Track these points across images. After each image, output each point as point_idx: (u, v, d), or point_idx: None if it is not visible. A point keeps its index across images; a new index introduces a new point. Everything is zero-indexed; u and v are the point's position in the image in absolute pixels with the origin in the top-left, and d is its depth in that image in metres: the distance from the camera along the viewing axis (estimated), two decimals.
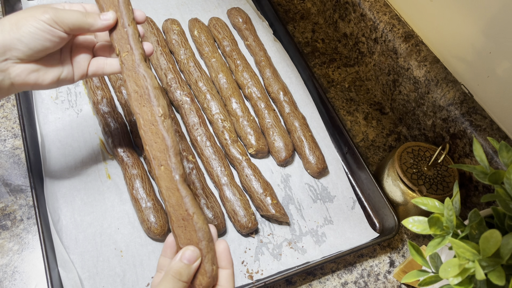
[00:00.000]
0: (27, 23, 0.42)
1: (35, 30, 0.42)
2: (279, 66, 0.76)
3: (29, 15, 0.43)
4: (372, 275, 0.60)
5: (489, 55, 0.56)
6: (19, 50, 0.43)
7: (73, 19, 0.44)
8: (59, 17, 0.43)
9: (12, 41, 0.42)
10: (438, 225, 0.40)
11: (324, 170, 0.65)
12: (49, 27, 0.43)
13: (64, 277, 0.52)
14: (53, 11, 0.43)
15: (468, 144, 0.60)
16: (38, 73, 0.45)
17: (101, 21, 0.45)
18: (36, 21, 0.42)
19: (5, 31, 0.42)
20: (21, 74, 0.44)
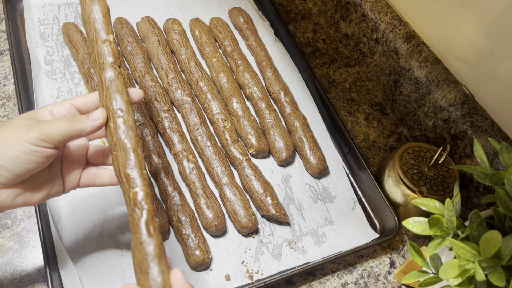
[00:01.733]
0: (9, 147, 0.38)
1: (19, 154, 0.38)
2: (280, 66, 0.76)
3: (11, 136, 0.38)
4: (372, 276, 0.60)
5: (490, 56, 0.56)
6: (2, 176, 0.38)
7: (61, 130, 0.39)
8: (45, 133, 0.38)
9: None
10: (439, 226, 0.39)
11: (324, 171, 0.65)
12: (35, 148, 0.38)
13: (64, 276, 0.52)
14: (37, 128, 0.38)
15: (469, 145, 0.60)
16: (25, 195, 0.41)
17: (90, 122, 0.40)
18: (20, 144, 0.38)
19: None
20: (6, 200, 0.40)
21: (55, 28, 0.75)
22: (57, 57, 0.72)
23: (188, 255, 0.55)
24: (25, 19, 0.75)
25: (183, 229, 0.56)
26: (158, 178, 0.60)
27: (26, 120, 0.40)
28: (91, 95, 0.43)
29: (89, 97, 0.43)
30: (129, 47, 0.71)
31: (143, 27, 0.74)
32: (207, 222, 0.57)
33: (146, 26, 0.74)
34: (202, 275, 0.56)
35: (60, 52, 0.72)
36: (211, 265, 0.56)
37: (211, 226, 0.57)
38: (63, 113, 0.42)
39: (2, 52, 0.73)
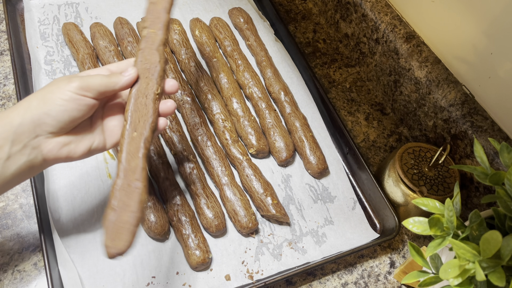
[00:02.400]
0: (54, 96, 0.42)
1: (62, 102, 0.42)
2: (280, 66, 0.76)
3: (55, 87, 0.42)
4: (372, 276, 0.60)
5: (490, 56, 0.56)
6: (48, 124, 0.42)
7: (98, 81, 0.44)
8: (85, 83, 0.43)
9: (40, 117, 0.42)
10: (439, 226, 0.39)
11: (324, 171, 0.65)
12: (76, 96, 0.42)
13: (65, 276, 0.52)
14: (78, 79, 0.43)
15: (469, 145, 0.60)
16: (70, 146, 0.44)
17: (123, 77, 0.45)
18: (62, 93, 0.42)
19: (33, 107, 0.42)
20: (53, 150, 0.43)
21: (55, 28, 0.75)
22: (57, 57, 0.72)
23: (188, 255, 0.55)
24: (25, 19, 0.75)
25: (183, 229, 0.56)
26: (158, 178, 0.60)
27: (68, 76, 0.44)
28: (125, 61, 0.48)
29: (123, 63, 0.48)
30: (129, 47, 0.71)
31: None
32: (207, 222, 0.57)
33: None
34: (202, 275, 0.56)
35: (60, 52, 0.72)
36: (211, 265, 0.56)
37: (211, 226, 0.57)
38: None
39: (2, 52, 0.73)
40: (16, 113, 0.41)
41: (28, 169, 0.43)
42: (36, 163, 0.43)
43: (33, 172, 0.44)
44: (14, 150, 0.41)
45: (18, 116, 0.41)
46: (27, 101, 0.42)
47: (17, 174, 0.42)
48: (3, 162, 0.41)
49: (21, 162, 0.42)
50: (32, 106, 0.42)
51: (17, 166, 0.42)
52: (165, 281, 0.54)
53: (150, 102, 0.45)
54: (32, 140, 0.42)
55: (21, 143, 0.42)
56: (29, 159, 0.42)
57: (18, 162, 0.42)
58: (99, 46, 0.71)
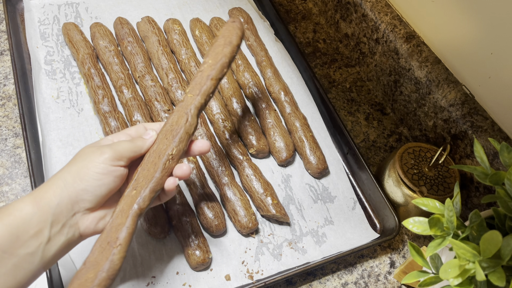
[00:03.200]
0: (89, 172, 0.42)
1: (99, 176, 0.42)
2: (280, 66, 0.76)
3: (88, 161, 0.42)
4: (372, 276, 0.60)
5: (490, 56, 0.56)
6: (86, 201, 0.42)
7: (127, 148, 0.44)
8: (117, 153, 0.43)
9: (78, 194, 0.41)
10: (439, 226, 0.39)
11: (325, 171, 0.65)
12: (111, 168, 0.42)
13: (65, 275, 0.52)
14: (109, 149, 0.43)
15: (469, 145, 0.60)
16: (105, 219, 0.44)
17: (146, 140, 0.46)
18: (97, 166, 0.42)
19: (69, 185, 0.41)
20: (90, 226, 0.43)
21: (55, 28, 0.75)
22: (57, 57, 0.72)
23: (188, 255, 0.55)
24: (25, 19, 0.75)
25: (183, 229, 0.56)
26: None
27: (94, 147, 0.44)
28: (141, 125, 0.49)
29: (140, 127, 0.49)
30: (129, 47, 0.71)
31: (144, 27, 0.74)
32: (207, 222, 0.57)
33: (146, 26, 0.74)
34: (202, 275, 0.56)
35: (60, 52, 0.72)
36: (211, 265, 0.56)
37: (211, 226, 0.57)
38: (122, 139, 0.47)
39: (2, 52, 0.73)
40: (52, 193, 0.41)
41: (66, 247, 0.42)
42: (74, 240, 0.43)
43: (69, 249, 0.43)
44: (54, 231, 0.40)
45: (55, 197, 0.41)
46: (61, 179, 0.42)
47: (57, 254, 0.41)
48: (44, 246, 0.40)
49: (61, 243, 0.41)
50: (68, 184, 0.41)
51: (57, 247, 0.41)
52: (165, 281, 0.54)
53: (160, 162, 0.45)
54: (70, 219, 0.41)
55: (60, 223, 0.41)
56: (68, 238, 0.42)
57: (58, 243, 0.41)
58: (99, 46, 0.71)
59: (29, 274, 0.39)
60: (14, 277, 0.38)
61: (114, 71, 0.68)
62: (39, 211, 0.40)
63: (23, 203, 0.40)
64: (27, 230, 0.39)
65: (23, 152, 0.63)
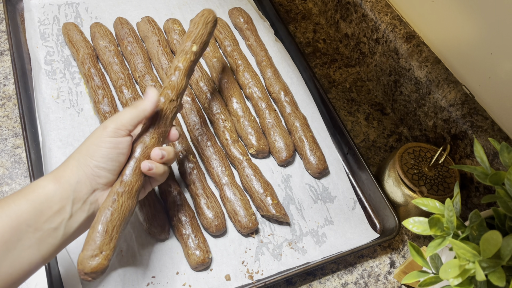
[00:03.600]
0: (98, 148, 0.43)
1: (107, 151, 0.43)
2: (280, 66, 0.76)
3: (94, 138, 0.44)
4: (372, 276, 0.60)
5: (490, 56, 0.56)
6: (102, 176, 0.44)
7: (129, 115, 0.45)
8: (118, 122, 0.44)
9: (93, 171, 0.43)
10: (439, 226, 0.39)
11: (324, 171, 0.65)
12: (116, 140, 0.44)
13: (65, 276, 0.52)
14: (111, 122, 0.44)
15: (469, 145, 0.60)
16: None
17: (148, 102, 0.46)
18: (104, 142, 0.43)
19: (82, 164, 0.43)
20: None
21: (55, 28, 0.75)
22: (57, 57, 0.72)
23: (188, 255, 0.55)
24: (25, 19, 0.75)
25: (183, 229, 0.56)
26: None
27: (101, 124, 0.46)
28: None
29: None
30: (129, 47, 0.71)
31: (143, 27, 0.74)
32: (207, 222, 0.57)
33: (146, 26, 0.74)
34: (202, 275, 0.56)
35: (60, 52, 0.72)
36: (211, 265, 0.56)
37: (211, 226, 0.57)
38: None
39: (2, 52, 0.73)
40: (70, 172, 0.43)
41: (87, 223, 0.44)
42: (93, 217, 0.44)
43: (89, 225, 0.44)
44: (75, 208, 0.42)
45: (73, 175, 0.42)
46: (74, 159, 0.43)
47: (78, 230, 0.43)
48: (66, 222, 0.42)
49: (82, 219, 0.43)
50: (81, 163, 0.43)
51: (79, 223, 0.43)
52: (165, 281, 0.54)
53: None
54: (90, 195, 0.43)
55: (81, 200, 0.43)
56: (89, 214, 0.44)
57: (80, 219, 0.43)
58: (99, 46, 0.71)
59: (52, 248, 0.41)
60: (38, 250, 0.40)
61: (114, 71, 0.68)
62: (61, 188, 0.42)
63: (46, 181, 0.42)
64: (50, 206, 0.41)
65: (23, 152, 0.63)
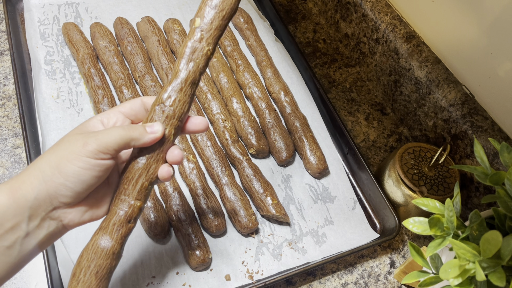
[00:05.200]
0: (69, 165, 0.37)
1: (80, 171, 0.37)
2: (280, 66, 0.76)
3: (69, 152, 0.37)
4: (372, 276, 0.60)
5: (490, 56, 0.56)
6: (66, 196, 0.38)
7: (117, 139, 0.38)
8: (102, 143, 0.37)
9: (57, 188, 0.37)
10: (439, 226, 0.39)
11: (325, 171, 0.65)
12: (95, 162, 0.37)
13: (65, 276, 0.52)
14: (94, 140, 0.37)
15: (469, 145, 0.60)
16: (91, 210, 0.40)
17: (148, 134, 0.39)
18: (79, 159, 0.37)
19: (47, 178, 0.37)
20: (74, 219, 0.39)
21: (55, 28, 0.75)
22: (57, 57, 0.72)
23: (188, 255, 0.55)
24: (25, 19, 0.75)
25: (183, 229, 0.56)
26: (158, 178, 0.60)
27: (79, 134, 0.39)
28: (137, 100, 0.43)
29: (136, 103, 0.42)
30: (129, 47, 0.71)
31: (143, 27, 0.74)
32: (207, 222, 0.57)
33: (146, 26, 0.74)
34: (202, 275, 0.55)
35: (60, 52, 0.72)
36: (211, 265, 0.56)
37: (211, 226, 0.57)
38: (112, 122, 0.42)
39: (2, 52, 0.73)
40: (29, 185, 0.37)
41: (49, 240, 0.39)
42: (57, 232, 0.39)
43: (53, 240, 0.40)
44: (32, 226, 0.37)
45: (32, 190, 0.37)
46: (39, 170, 0.37)
47: (38, 247, 0.38)
48: (21, 240, 0.37)
49: (41, 236, 0.38)
50: (46, 176, 0.37)
51: (37, 241, 0.38)
52: (165, 281, 0.54)
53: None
54: (50, 212, 0.38)
55: (38, 218, 0.37)
56: (49, 231, 0.38)
57: (38, 237, 0.38)
58: (99, 46, 0.71)
59: (7, 266, 0.37)
60: None
61: (114, 71, 0.68)
62: (15, 203, 0.36)
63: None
64: (2, 223, 0.36)
65: (23, 152, 0.63)
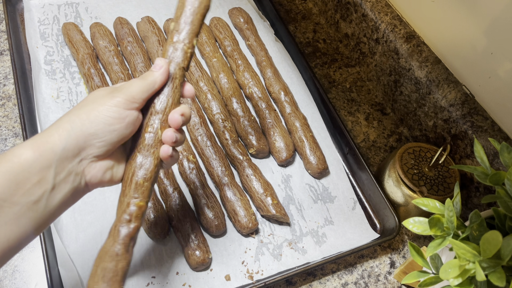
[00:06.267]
0: (100, 115, 0.37)
1: (111, 120, 0.38)
2: (280, 66, 0.76)
3: (98, 104, 0.38)
4: (372, 276, 0.60)
5: (490, 56, 0.56)
6: (95, 147, 0.38)
7: (140, 89, 0.40)
8: (129, 94, 0.39)
9: (86, 139, 0.37)
10: (439, 226, 0.39)
11: (325, 171, 0.65)
12: (125, 112, 0.38)
13: (64, 276, 0.52)
14: (120, 92, 0.39)
15: (469, 145, 0.60)
16: (112, 170, 0.41)
17: (157, 72, 0.41)
18: (109, 110, 0.38)
19: (77, 128, 0.37)
20: (97, 174, 0.39)
21: (55, 28, 0.75)
22: (57, 57, 0.72)
23: (188, 255, 0.55)
24: (25, 19, 0.75)
25: (183, 229, 0.56)
26: (158, 178, 0.60)
27: (104, 91, 0.40)
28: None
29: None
30: (129, 47, 0.71)
31: (143, 27, 0.74)
32: (207, 222, 0.57)
33: (146, 26, 0.74)
34: (202, 275, 0.55)
35: (60, 52, 0.72)
36: (211, 265, 0.56)
37: (211, 226, 0.57)
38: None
39: (2, 52, 0.73)
40: (57, 137, 0.37)
41: (72, 196, 0.39)
42: (80, 190, 0.39)
43: (76, 199, 0.40)
44: (59, 179, 0.37)
45: (61, 141, 0.37)
46: (68, 122, 0.37)
47: (62, 204, 0.38)
48: (48, 193, 0.36)
49: (66, 191, 0.38)
50: (76, 127, 0.37)
51: (62, 195, 0.38)
52: (165, 281, 0.54)
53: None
54: (76, 165, 0.38)
55: (65, 171, 0.37)
56: (73, 186, 0.38)
57: (64, 191, 0.38)
58: (99, 46, 0.71)
59: (34, 222, 0.36)
60: (18, 226, 0.35)
61: (114, 71, 0.68)
62: (41, 156, 0.36)
63: (23, 149, 0.36)
64: (27, 177, 0.35)
65: None
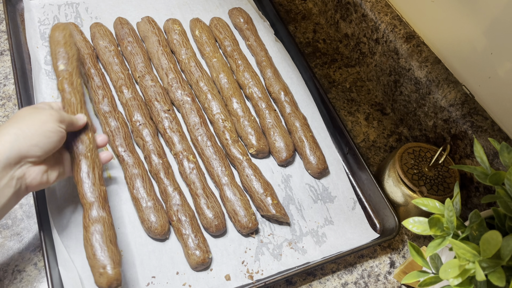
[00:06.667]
0: (42, 129, 0.46)
1: (50, 134, 0.46)
2: (280, 66, 0.76)
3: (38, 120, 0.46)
4: (372, 276, 0.60)
5: (490, 56, 0.56)
6: (34, 155, 0.45)
7: (68, 118, 0.50)
8: (61, 117, 0.48)
9: (29, 149, 0.45)
10: (439, 226, 0.40)
11: (324, 171, 0.65)
12: (59, 129, 0.47)
13: (65, 276, 0.52)
14: (56, 113, 0.48)
15: (469, 145, 0.60)
16: (47, 173, 0.48)
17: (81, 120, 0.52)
18: (49, 125, 0.46)
19: (21, 140, 0.44)
20: (36, 177, 0.47)
21: None
22: None
23: (188, 255, 0.55)
24: (25, 19, 0.75)
25: (183, 229, 0.56)
26: (158, 178, 0.60)
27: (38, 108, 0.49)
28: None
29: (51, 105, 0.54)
30: (129, 47, 0.71)
31: (143, 27, 0.74)
32: (207, 222, 0.57)
33: (146, 26, 0.74)
34: (202, 275, 0.56)
35: None
36: (211, 265, 0.56)
37: (211, 226, 0.57)
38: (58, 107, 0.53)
39: (2, 52, 0.73)
40: (2, 147, 0.43)
41: (15, 199, 0.45)
42: (21, 192, 0.46)
43: (17, 200, 0.46)
44: (2, 184, 0.43)
45: (4, 151, 0.43)
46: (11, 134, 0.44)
47: (5, 206, 0.44)
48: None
49: (10, 194, 0.44)
50: (20, 139, 0.44)
51: (6, 198, 0.44)
52: (165, 281, 0.54)
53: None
54: (17, 170, 0.45)
55: (8, 176, 0.44)
56: (16, 189, 0.45)
57: (8, 195, 0.44)
58: (99, 46, 0.71)
59: None
60: None
61: (114, 71, 0.68)
62: None
63: None
64: None
65: None
